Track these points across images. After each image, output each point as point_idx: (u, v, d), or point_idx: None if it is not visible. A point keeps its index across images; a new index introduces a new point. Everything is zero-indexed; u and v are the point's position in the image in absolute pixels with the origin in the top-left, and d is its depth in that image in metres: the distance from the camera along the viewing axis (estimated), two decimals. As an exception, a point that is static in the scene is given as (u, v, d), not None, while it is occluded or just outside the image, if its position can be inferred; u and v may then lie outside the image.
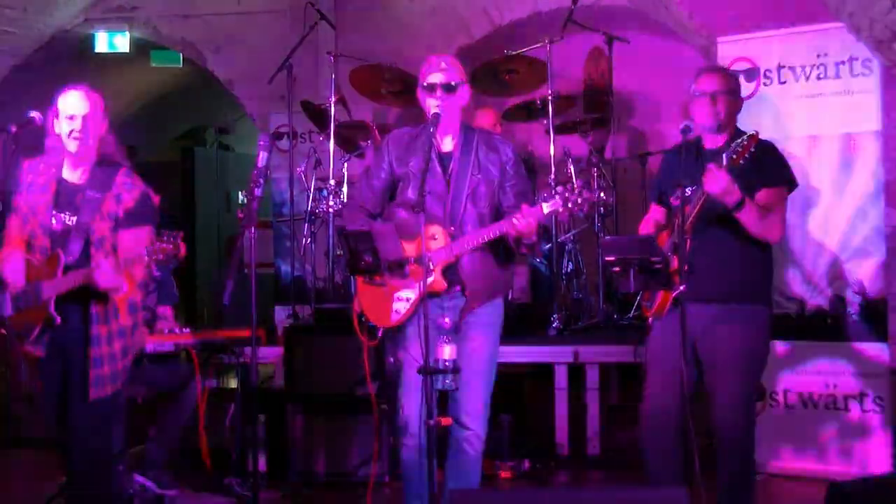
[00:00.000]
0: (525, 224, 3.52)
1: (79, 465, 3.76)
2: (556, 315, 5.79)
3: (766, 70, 5.01)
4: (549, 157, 5.93)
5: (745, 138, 3.63)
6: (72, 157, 3.80)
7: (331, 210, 5.94)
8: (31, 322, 3.66)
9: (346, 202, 5.76)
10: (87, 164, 3.82)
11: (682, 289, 3.56)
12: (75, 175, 3.82)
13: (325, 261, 6.25)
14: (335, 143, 6.10)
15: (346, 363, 4.75)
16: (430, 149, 3.62)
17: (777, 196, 3.81)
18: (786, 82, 4.99)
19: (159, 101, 10.40)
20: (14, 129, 3.67)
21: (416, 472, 3.66)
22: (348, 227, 3.80)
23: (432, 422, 3.37)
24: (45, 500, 4.37)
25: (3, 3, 7.04)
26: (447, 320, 3.60)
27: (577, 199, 3.52)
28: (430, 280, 3.60)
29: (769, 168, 3.81)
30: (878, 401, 4.78)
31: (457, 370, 3.45)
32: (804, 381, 4.93)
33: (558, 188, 3.54)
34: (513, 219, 3.54)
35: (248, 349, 4.37)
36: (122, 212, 3.76)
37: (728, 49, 5.14)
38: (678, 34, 6.72)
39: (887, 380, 4.79)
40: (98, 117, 3.78)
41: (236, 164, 9.97)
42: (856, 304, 4.83)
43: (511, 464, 5.13)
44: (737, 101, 3.92)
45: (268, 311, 7.01)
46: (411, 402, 3.65)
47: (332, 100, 6.05)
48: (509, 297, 5.09)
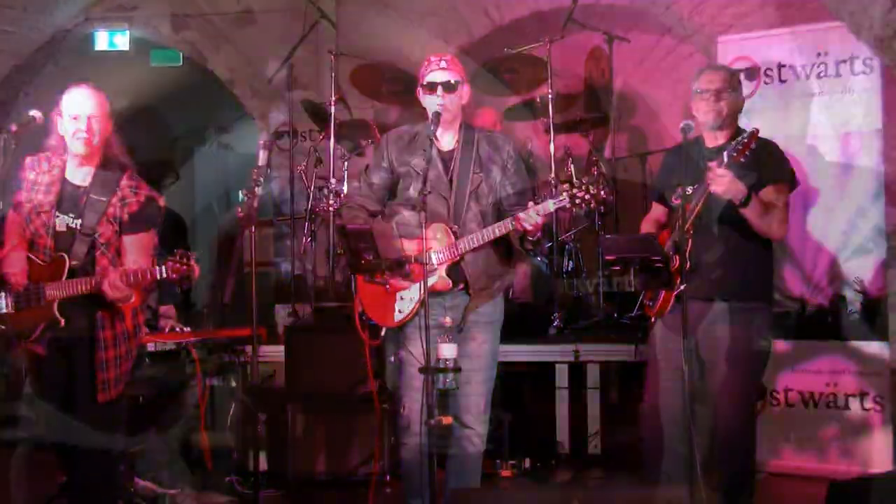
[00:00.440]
0: (532, 221, 3.52)
1: (80, 466, 3.74)
2: (556, 314, 5.79)
3: (767, 69, 5.02)
4: (550, 155, 5.93)
5: (745, 135, 3.64)
6: (76, 158, 3.71)
7: (331, 209, 5.94)
8: (34, 322, 3.63)
9: (345, 201, 5.75)
10: (91, 166, 3.72)
11: (683, 287, 3.56)
12: (79, 176, 3.72)
13: (326, 259, 6.25)
14: (335, 142, 6.10)
15: (346, 362, 4.74)
16: (432, 147, 3.62)
17: (779, 192, 3.81)
18: (786, 81, 4.99)
19: (159, 100, 10.38)
20: (14, 129, 3.61)
21: (416, 471, 3.65)
22: (348, 226, 3.78)
23: (433, 421, 3.37)
24: (45, 500, 4.35)
25: (3, 3, 7.02)
26: (448, 319, 3.60)
27: (585, 195, 3.52)
28: (435, 280, 3.60)
29: (770, 165, 3.81)
30: (878, 399, 4.78)
31: (458, 369, 3.45)
32: (805, 380, 4.93)
33: (564, 185, 3.54)
34: (519, 216, 3.54)
35: (248, 348, 4.37)
36: (126, 215, 3.69)
37: (728, 48, 5.15)
38: (678, 33, 6.71)
39: (887, 378, 4.79)
40: (103, 117, 3.69)
41: (236, 164, 9.96)
42: (856, 302, 4.83)
43: (512, 463, 5.13)
44: (738, 100, 3.92)
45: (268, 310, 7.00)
46: (412, 402, 3.65)
47: (333, 99, 6.05)
48: (510, 296, 5.09)
